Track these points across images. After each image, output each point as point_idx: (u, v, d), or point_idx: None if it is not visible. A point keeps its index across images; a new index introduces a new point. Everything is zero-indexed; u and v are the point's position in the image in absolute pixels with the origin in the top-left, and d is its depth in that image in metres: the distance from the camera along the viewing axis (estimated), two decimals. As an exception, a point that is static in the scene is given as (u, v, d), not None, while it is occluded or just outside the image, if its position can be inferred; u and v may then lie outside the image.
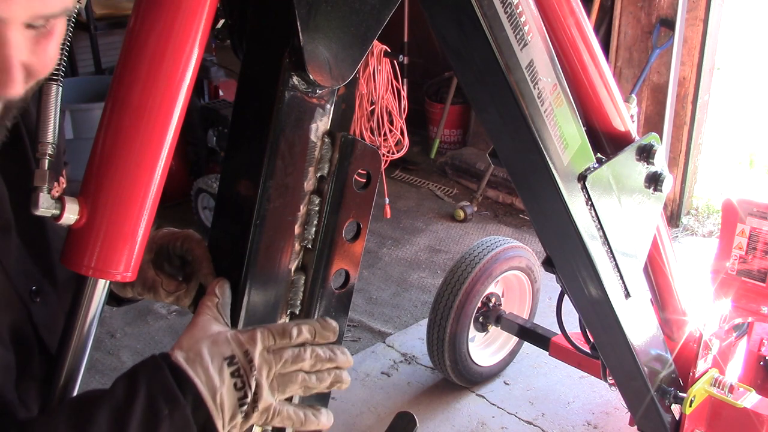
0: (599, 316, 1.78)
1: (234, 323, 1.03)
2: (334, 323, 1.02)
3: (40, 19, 0.77)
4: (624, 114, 1.61)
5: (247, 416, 0.92)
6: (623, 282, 1.67)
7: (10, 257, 0.98)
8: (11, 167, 1.00)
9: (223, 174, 1.10)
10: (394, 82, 4.68)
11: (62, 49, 0.86)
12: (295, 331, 0.97)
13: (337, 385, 0.99)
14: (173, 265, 1.16)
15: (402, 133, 4.81)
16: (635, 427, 2.34)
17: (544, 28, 1.30)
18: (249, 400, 0.91)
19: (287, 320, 1.11)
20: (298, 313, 1.11)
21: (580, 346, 2.35)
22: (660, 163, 1.61)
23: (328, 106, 1.04)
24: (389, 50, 4.56)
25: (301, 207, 1.06)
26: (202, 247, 1.11)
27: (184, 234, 1.14)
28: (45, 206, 0.90)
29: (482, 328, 3.44)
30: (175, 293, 1.13)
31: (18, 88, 0.76)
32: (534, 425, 3.27)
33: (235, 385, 0.91)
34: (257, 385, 0.92)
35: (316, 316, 1.11)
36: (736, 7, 6.16)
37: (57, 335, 1.06)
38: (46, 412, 0.95)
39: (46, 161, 0.91)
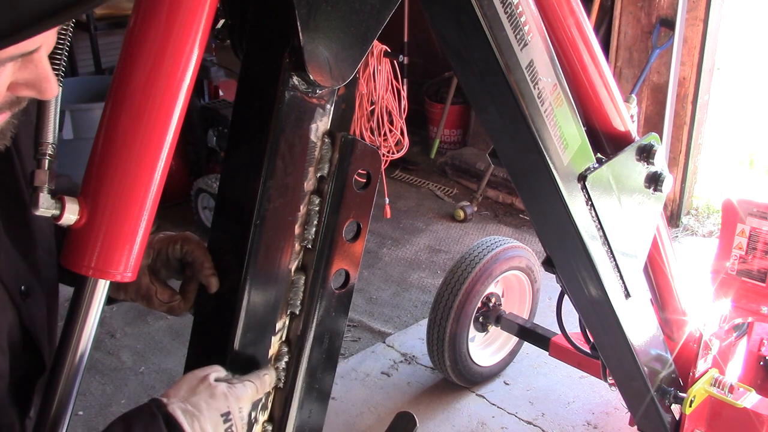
0: (599, 316, 1.78)
1: (232, 324, 1.03)
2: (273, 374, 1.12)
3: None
4: (624, 114, 1.61)
5: None
6: (623, 282, 1.67)
7: (0, 257, 0.98)
8: None
9: (223, 174, 1.11)
10: (394, 82, 4.68)
11: (62, 49, 0.87)
12: (268, 383, 1.07)
13: None
14: (172, 268, 1.15)
15: (402, 133, 4.81)
16: (635, 427, 2.34)
17: (544, 28, 1.30)
18: None
19: (287, 321, 1.11)
20: (298, 313, 1.11)
21: (580, 346, 2.34)
22: (660, 163, 1.61)
23: (328, 106, 1.04)
24: (389, 50, 4.56)
25: (301, 207, 1.06)
26: (202, 247, 1.11)
27: (183, 236, 1.14)
28: (45, 206, 0.90)
29: (482, 328, 3.44)
30: (169, 303, 1.13)
31: (56, 88, 0.84)
32: (534, 425, 3.27)
33: None
34: None
35: (316, 317, 1.11)
36: (736, 7, 6.15)
37: (46, 334, 1.06)
38: None
39: (47, 161, 0.91)
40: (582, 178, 1.47)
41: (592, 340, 2.05)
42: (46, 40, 0.81)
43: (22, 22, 0.69)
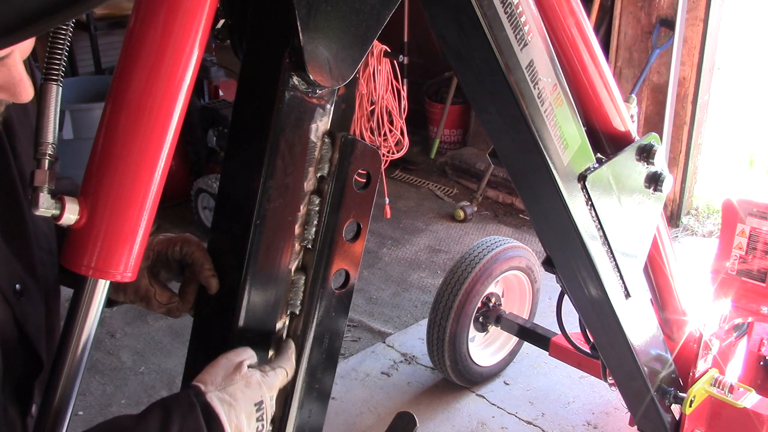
0: (599, 316, 1.78)
1: (232, 324, 1.03)
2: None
3: None
4: (624, 114, 1.61)
5: None
6: (623, 282, 1.67)
7: None
8: None
9: (223, 174, 1.10)
10: (394, 82, 4.68)
11: (62, 49, 0.87)
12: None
13: None
14: (172, 270, 1.15)
15: (402, 133, 4.81)
16: (635, 427, 2.34)
17: (544, 28, 1.30)
18: None
19: (287, 321, 1.11)
20: (298, 313, 1.11)
21: (580, 346, 2.34)
22: (660, 163, 1.61)
23: (328, 106, 1.04)
24: (389, 50, 4.56)
25: (301, 207, 1.06)
26: (202, 249, 1.11)
27: (182, 238, 1.14)
28: (45, 206, 0.90)
29: (482, 328, 3.44)
30: (167, 305, 1.13)
31: (31, 91, 0.83)
32: (534, 425, 3.27)
33: (257, 429, 0.98)
34: (269, 426, 1.02)
35: (316, 317, 1.11)
36: (736, 7, 6.15)
37: (44, 333, 1.06)
38: None
39: (47, 161, 0.91)
40: (582, 178, 1.47)
41: (592, 340, 2.04)
42: (20, 45, 0.81)
43: (8, 25, 0.68)
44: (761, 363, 2.79)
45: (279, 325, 1.10)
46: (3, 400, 0.98)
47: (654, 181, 1.61)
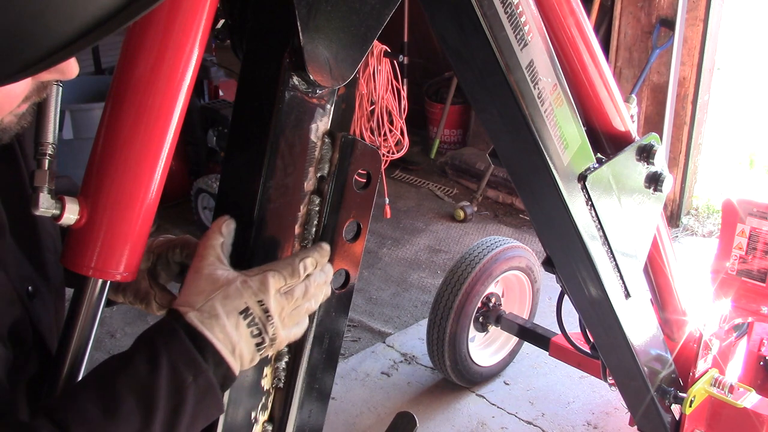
0: (599, 316, 1.78)
1: None
2: (326, 246, 1.05)
3: None
4: (624, 114, 1.61)
5: (264, 353, 0.96)
6: (623, 282, 1.67)
7: (7, 259, 0.97)
8: (1, 167, 1.00)
9: (223, 174, 1.10)
10: (394, 82, 4.68)
11: None
12: (302, 269, 0.99)
13: (325, 297, 1.05)
14: (172, 272, 1.15)
15: (402, 133, 4.81)
16: (635, 427, 2.34)
17: (544, 28, 1.30)
18: (266, 344, 0.95)
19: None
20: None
21: (580, 346, 2.34)
22: (660, 163, 1.61)
23: (328, 106, 1.04)
24: (389, 50, 4.56)
25: (301, 207, 1.06)
26: None
27: (182, 240, 1.14)
28: (45, 206, 0.90)
29: (482, 328, 3.44)
30: (167, 307, 1.13)
31: (77, 68, 0.81)
32: (534, 425, 3.27)
33: (251, 333, 0.94)
34: (274, 329, 0.96)
35: (316, 317, 1.11)
36: (736, 7, 6.15)
37: (54, 333, 1.06)
38: (68, 392, 0.94)
39: (47, 161, 0.91)
40: (582, 178, 1.47)
41: (592, 340, 2.04)
42: None
43: (71, 36, 0.66)
44: (761, 363, 2.79)
45: (279, 325, 1.10)
46: (18, 399, 0.98)
47: (654, 181, 1.61)
